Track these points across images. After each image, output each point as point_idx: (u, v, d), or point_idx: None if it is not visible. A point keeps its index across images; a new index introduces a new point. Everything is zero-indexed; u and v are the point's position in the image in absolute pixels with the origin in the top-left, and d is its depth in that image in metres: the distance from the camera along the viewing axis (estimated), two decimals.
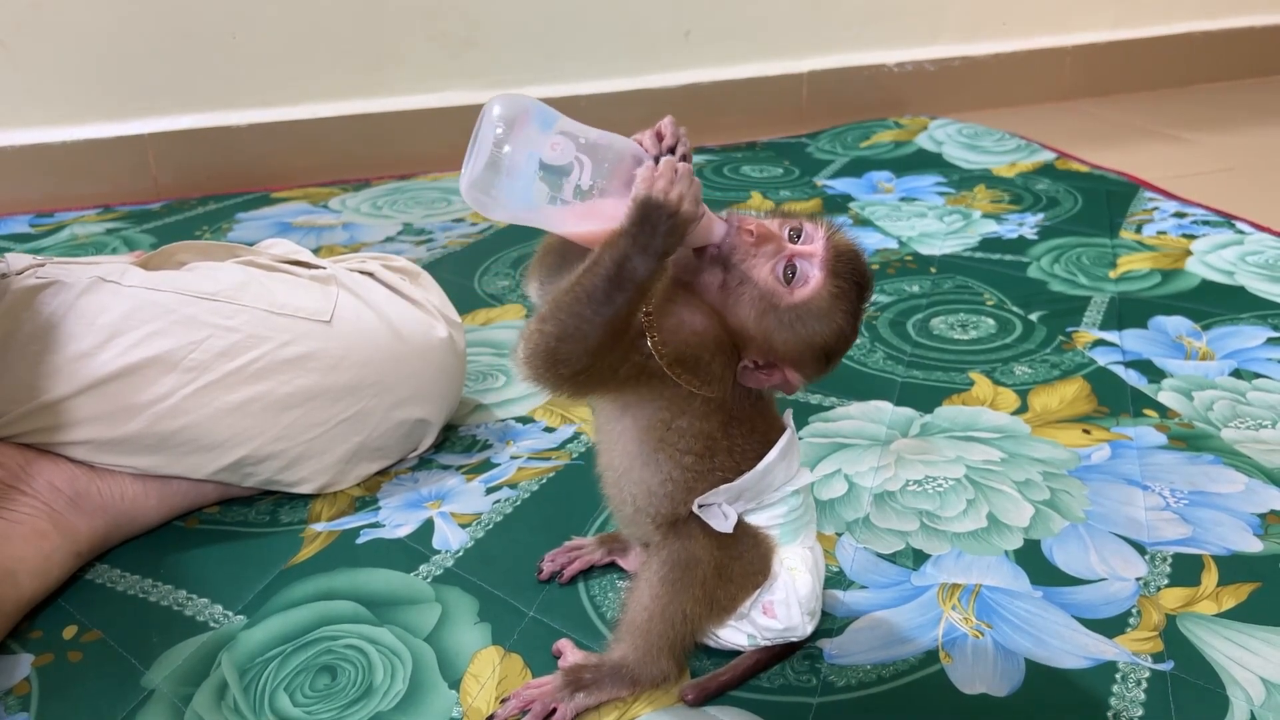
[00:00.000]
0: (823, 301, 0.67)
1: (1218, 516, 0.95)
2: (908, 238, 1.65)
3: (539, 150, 0.64)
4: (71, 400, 0.91)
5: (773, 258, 0.68)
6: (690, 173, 0.64)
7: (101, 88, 1.92)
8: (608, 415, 0.75)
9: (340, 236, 1.72)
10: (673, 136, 0.69)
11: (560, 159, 0.64)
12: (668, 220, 0.62)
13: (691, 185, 0.63)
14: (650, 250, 0.63)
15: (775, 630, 0.76)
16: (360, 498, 1.01)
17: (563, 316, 0.64)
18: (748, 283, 0.68)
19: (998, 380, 1.20)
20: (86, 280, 0.94)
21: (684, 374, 0.68)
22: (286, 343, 0.96)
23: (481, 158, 0.64)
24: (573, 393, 0.68)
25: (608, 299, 0.63)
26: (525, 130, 0.64)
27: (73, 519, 0.90)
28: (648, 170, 0.63)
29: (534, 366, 0.66)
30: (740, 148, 2.18)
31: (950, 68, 2.43)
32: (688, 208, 0.63)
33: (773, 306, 0.67)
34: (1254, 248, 1.56)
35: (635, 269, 0.63)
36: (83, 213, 1.86)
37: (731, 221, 0.68)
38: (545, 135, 0.64)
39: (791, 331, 0.68)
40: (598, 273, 0.63)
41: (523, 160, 0.64)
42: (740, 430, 0.73)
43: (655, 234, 0.63)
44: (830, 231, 0.69)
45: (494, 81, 2.14)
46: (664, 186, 0.62)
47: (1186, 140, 2.18)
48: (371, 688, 0.77)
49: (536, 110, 0.65)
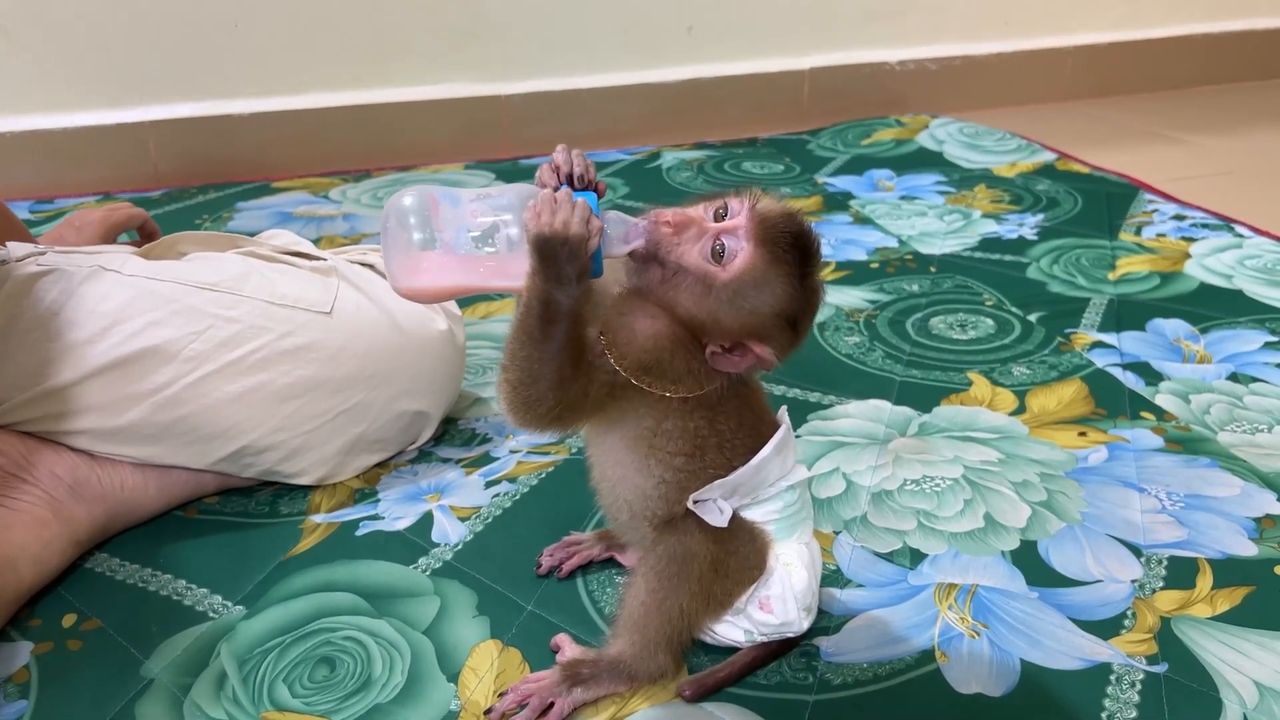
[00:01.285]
0: (756, 271, 0.67)
1: (1213, 520, 0.95)
2: (908, 236, 1.65)
3: (463, 222, 0.66)
4: (72, 388, 0.91)
5: (698, 241, 0.68)
6: (569, 196, 0.65)
7: (103, 75, 1.92)
8: (596, 431, 0.76)
9: (341, 227, 1.72)
10: (567, 163, 0.70)
11: (484, 221, 0.67)
12: (563, 248, 0.63)
13: (575, 208, 0.64)
14: (563, 280, 0.64)
15: (771, 626, 0.76)
16: (359, 490, 1.01)
17: (517, 363, 0.67)
18: (680, 271, 0.68)
19: (996, 381, 1.20)
20: (87, 268, 0.94)
21: (651, 379, 0.69)
22: (287, 334, 0.96)
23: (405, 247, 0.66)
24: (559, 428, 0.71)
25: (546, 336, 0.66)
26: (441, 212, 0.67)
27: (73, 507, 0.90)
28: (529, 210, 0.64)
29: (514, 414, 0.69)
30: (741, 144, 2.18)
31: (952, 66, 2.43)
32: (576, 230, 0.64)
33: (709, 288, 0.68)
34: (1253, 251, 1.56)
35: (558, 301, 0.65)
36: (83, 199, 1.86)
37: (648, 217, 0.69)
38: (460, 208, 0.67)
39: (735, 308, 0.68)
40: (529, 315, 0.66)
41: (452, 236, 0.66)
42: (728, 425, 0.73)
43: (559, 264, 0.64)
44: (754, 201, 0.69)
45: (495, 74, 2.14)
46: (547, 219, 0.63)
47: (1187, 142, 2.18)
48: (370, 680, 0.78)
49: (440, 192, 0.67)
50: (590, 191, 0.68)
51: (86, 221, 1.21)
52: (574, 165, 0.69)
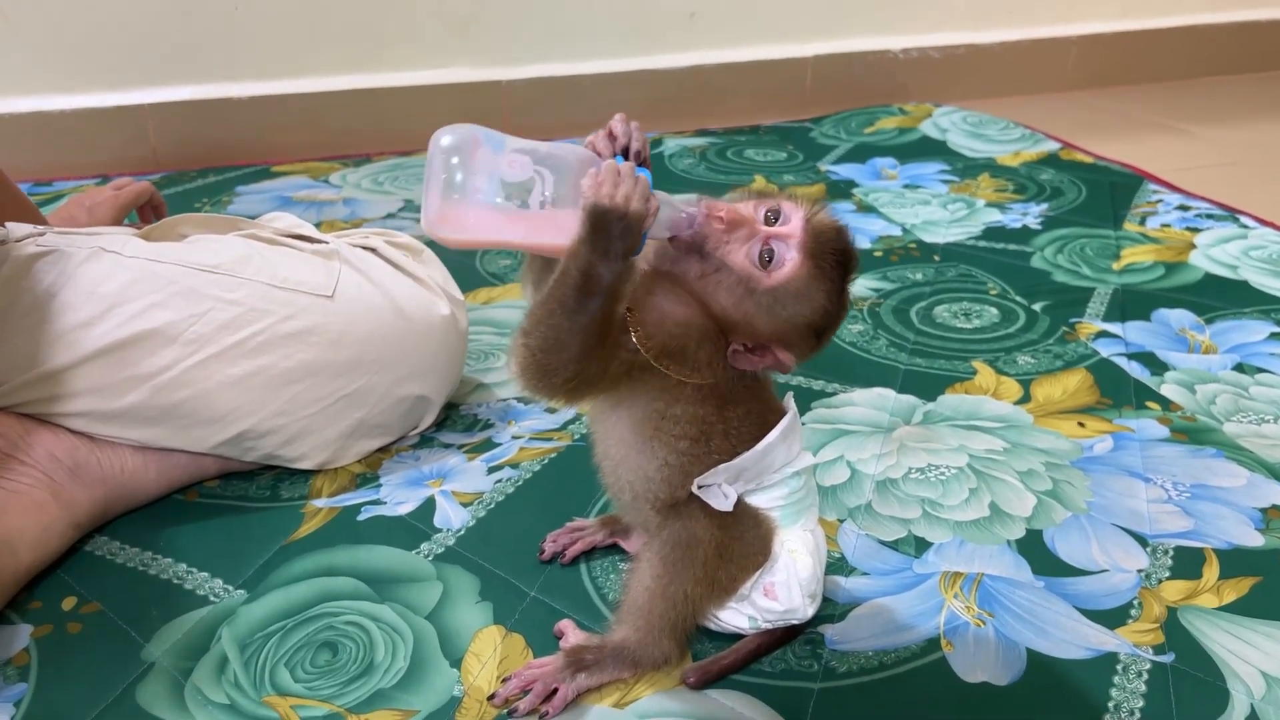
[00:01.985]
0: (800, 283, 0.67)
1: (1219, 510, 0.95)
2: (911, 225, 1.64)
3: (498, 170, 0.64)
4: (71, 370, 0.90)
5: (747, 241, 0.67)
6: (633, 171, 0.63)
7: (102, 56, 1.91)
8: (602, 409, 0.75)
9: (341, 212, 1.71)
10: (624, 135, 0.68)
11: (520, 175, 0.65)
12: (619, 223, 0.62)
13: (637, 184, 0.63)
14: (611, 254, 0.63)
15: (776, 612, 0.76)
16: (361, 474, 1.01)
17: (542, 329, 0.65)
18: (723, 269, 0.67)
19: (1001, 370, 1.20)
20: (87, 250, 0.93)
21: (672, 364, 0.68)
22: (288, 317, 0.95)
23: (442, 189, 0.64)
24: (569, 399, 0.70)
25: (580, 307, 0.64)
26: (479, 155, 0.64)
27: (72, 490, 0.90)
28: (591, 178, 0.63)
29: (527, 379, 0.67)
30: (744, 131, 2.17)
31: (955, 55, 2.42)
32: (636, 207, 0.62)
33: (750, 291, 0.67)
34: (1258, 242, 1.55)
35: (600, 275, 0.63)
36: (81, 182, 1.85)
37: (701, 209, 0.67)
38: (500, 156, 0.65)
39: (772, 314, 0.68)
40: (566, 283, 0.64)
41: (484, 183, 0.64)
42: (736, 413, 0.73)
43: (611, 238, 0.63)
44: (810, 211, 0.68)
45: (497, 59, 2.13)
46: (609, 191, 0.62)
47: (1191, 133, 2.18)
48: (373, 665, 0.77)
49: (484, 135, 0.65)
50: (643, 168, 0.67)
51: (98, 201, 1.21)
52: (633, 139, 0.68)
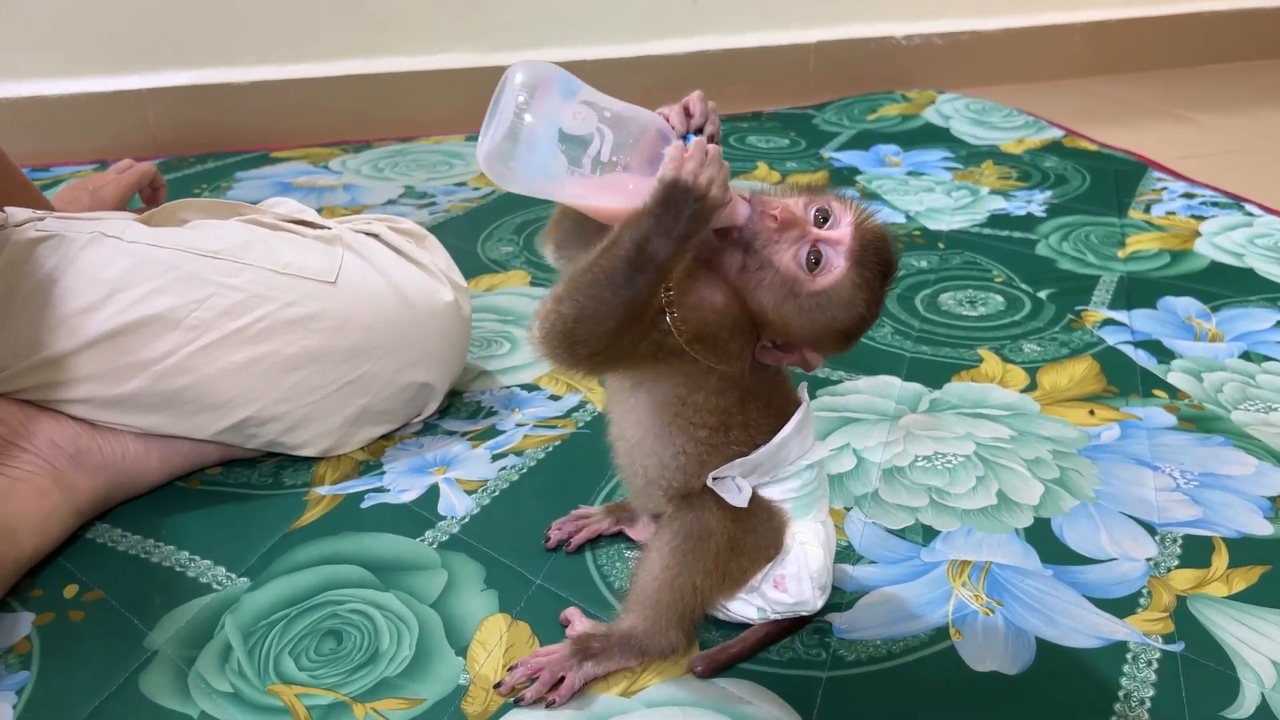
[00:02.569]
0: (845, 290, 0.66)
1: (1228, 499, 0.94)
2: (915, 212, 1.64)
3: (560, 119, 0.62)
4: (72, 356, 0.89)
5: (796, 243, 0.66)
6: (720, 156, 0.62)
7: (100, 41, 1.89)
8: (620, 388, 0.74)
9: (341, 198, 1.70)
10: (701, 114, 0.66)
11: (581, 129, 0.62)
12: (694, 204, 0.60)
13: (721, 170, 0.61)
14: (673, 233, 0.61)
15: (785, 604, 0.75)
16: (364, 462, 1.00)
17: (580, 298, 0.62)
18: (769, 268, 0.66)
19: (1007, 357, 1.19)
20: (88, 235, 0.92)
21: (703, 351, 0.67)
22: (290, 303, 0.94)
23: (503, 126, 0.61)
24: (590, 371, 0.68)
25: (627, 281, 0.62)
26: (547, 99, 0.62)
27: (74, 477, 0.89)
28: (677, 150, 0.61)
29: (551, 346, 0.64)
30: (746, 118, 2.15)
31: (959, 42, 2.41)
32: (716, 193, 0.61)
33: (793, 294, 0.66)
34: (1263, 230, 1.55)
35: (656, 251, 0.61)
36: (79, 168, 1.83)
37: (755, 204, 0.66)
38: (567, 104, 0.62)
39: (811, 318, 0.67)
40: (617, 254, 0.61)
41: (543, 129, 0.62)
42: (756, 405, 0.72)
43: (679, 217, 0.61)
44: (860, 218, 0.67)
45: (498, 44, 2.11)
46: (694, 169, 0.60)
47: (1195, 121, 2.17)
48: (378, 653, 0.77)
49: (560, 78, 0.63)
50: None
51: (101, 185, 1.20)
52: (709, 120, 0.66)
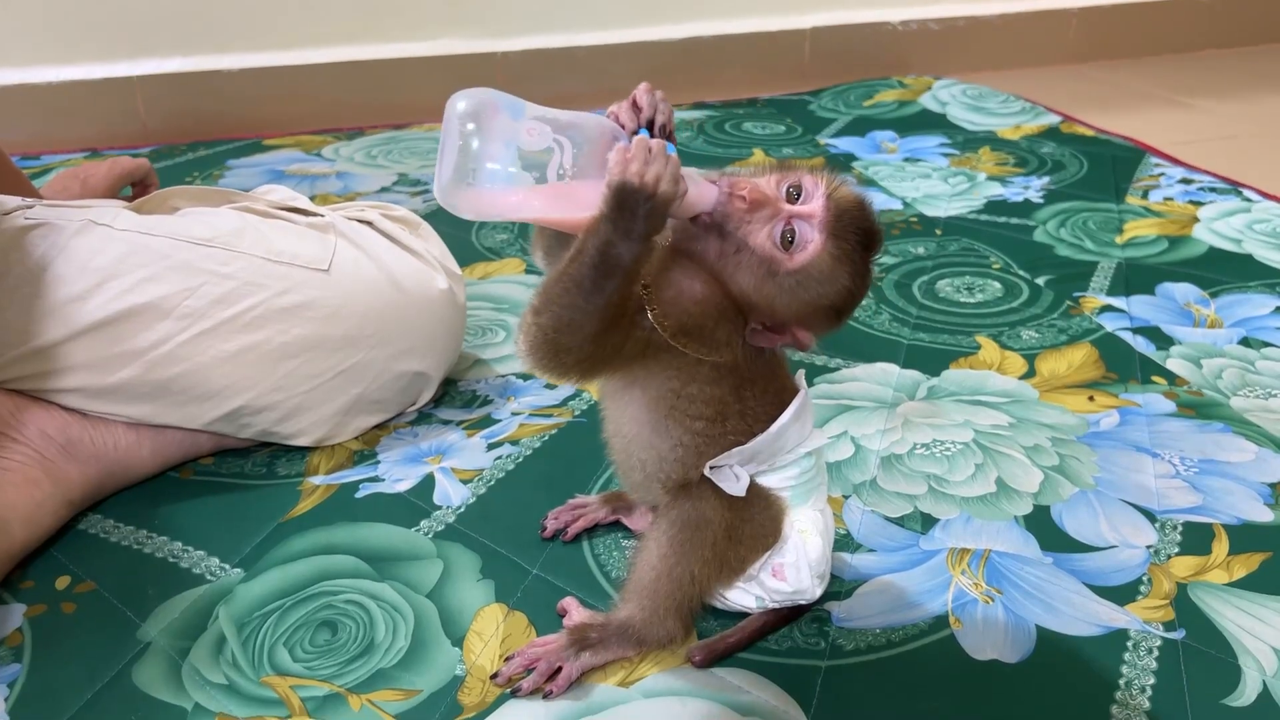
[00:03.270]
0: (824, 264, 0.65)
1: (1228, 485, 0.94)
2: (912, 199, 1.63)
3: (516, 139, 0.62)
4: (62, 345, 0.88)
5: (769, 222, 0.65)
6: (664, 149, 0.61)
7: (90, 27, 1.87)
8: (614, 386, 0.73)
9: (334, 185, 1.69)
10: (649, 106, 0.66)
11: (539, 143, 0.62)
12: (646, 203, 0.60)
13: (668, 163, 0.60)
14: (633, 235, 0.61)
15: (784, 593, 0.74)
16: (359, 451, 0.99)
17: (555, 308, 0.63)
18: (744, 250, 0.65)
19: (1005, 344, 1.18)
20: (78, 222, 0.91)
21: (690, 343, 0.66)
22: (283, 291, 0.93)
23: (452, 157, 0.61)
24: (582, 377, 0.68)
25: (597, 287, 0.62)
26: (496, 122, 0.62)
27: (65, 467, 0.88)
28: (618, 153, 0.60)
29: (538, 358, 0.65)
30: (741, 104, 2.14)
31: (955, 27, 2.39)
32: (665, 188, 0.60)
33: (772, 273, 0.65)
34: (1261, 216, 1.54)
35: (620, 255, 0.61)
36: (69, 156, 1.82)
37: (723, 186, 0.65)
38: (519, 123, 0.62)
39: (794, 296, 0.65)
40: (583, 261, 0.61)
41: (501, 150, 0.61)
42: (752, 392, 0.71)
43: (635, 218, 0.60)
44: (831, 188, 0.65)
45: (491, 30, 2.09)
46: (638, 169, 0.60)
47: (1192, 106, 2.16)
48: (373, 644, 0.76)
49: (504, 100, 0.62)
50: (669, 143, 0.65)
51: (92, 173, 1.18)
52: (658, 111, 0.65)
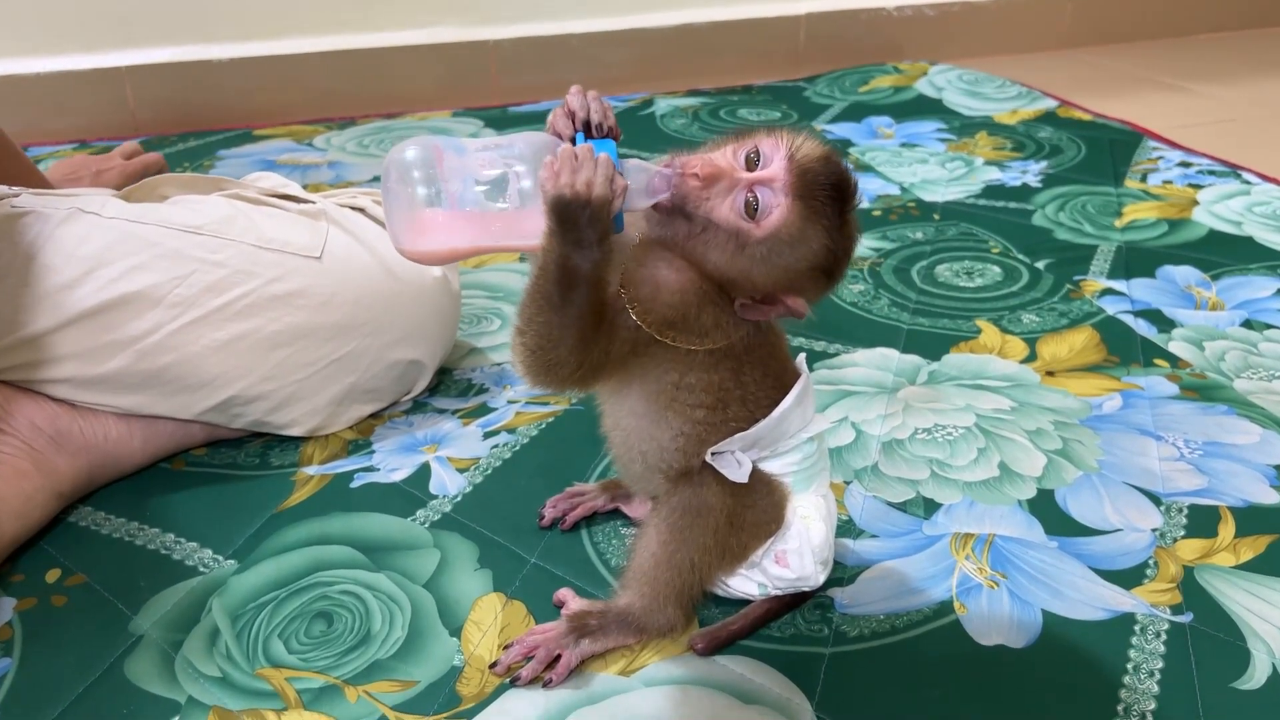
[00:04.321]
0: (794, 226, 0.62)
1: (1232, 467, 0.93)
2: (910, 184, 1.61)
3: (470, 172, 0.62)
4: (51, 335, 0.87)
5: (729, 193, 0.63)
6: (591, 152, 0.60)
7: (77, 17, 1.85)
8: (613, 384, 0.71)
9: (326, 175, 1.67)
10: (581, 108, 0.65)
11: (493, 171, 0.62)
12: (584, 211, 0.59)
13: (598, 166, 0.59)
14: (584, 243, 0.60)
15: (787, 580, 0.73)
16: (353, 441, 0.98)
17: (534, 327, 0.63)
18: (710, 227, 0.63)
19: (1005, 328, 1.17)
20: (65, 211, 0.89)
21: (676, 335, 0.65)
22: (275, 279, 0.92)
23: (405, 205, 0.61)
24: (581, 386, 0.67)
25: (565, 300, 0.62)
26: (447, 162, 0.62)
27: (54, 459, 0.87)
28: (546, 169, 0.60)
29: (534, 376, 0.65)
30: (736, 91, 2.13)
31: (950, 13, 2.38)
32: (599, 192, 0.59)
33: (741, 245, 0.63)
34: (1261, 198, 1.53)
35: (578, 265, 0.61)
36: (58, 148, 1.80)
37: (674, 167, 0.63)
38: (466, 158, 0.62)
39: (770, 264, 0.63)
40: (546, 279, 0.62)
41: (459, 188, 0.61)
42: (753, 376, 0.69)
43: (580, 227, 0.60)
44: (792, 147, 0.63)
45: (483, 18, 2.08)
46: (567, 180, 0.59)
47: (1188, 90, 2.15)
48: (369, 635, 0.75)
49: (444, 142, 0.62)
50: (608, 140, 0.64)
51: (105, 168, 1.17)
52: (591, 111, 0.65)
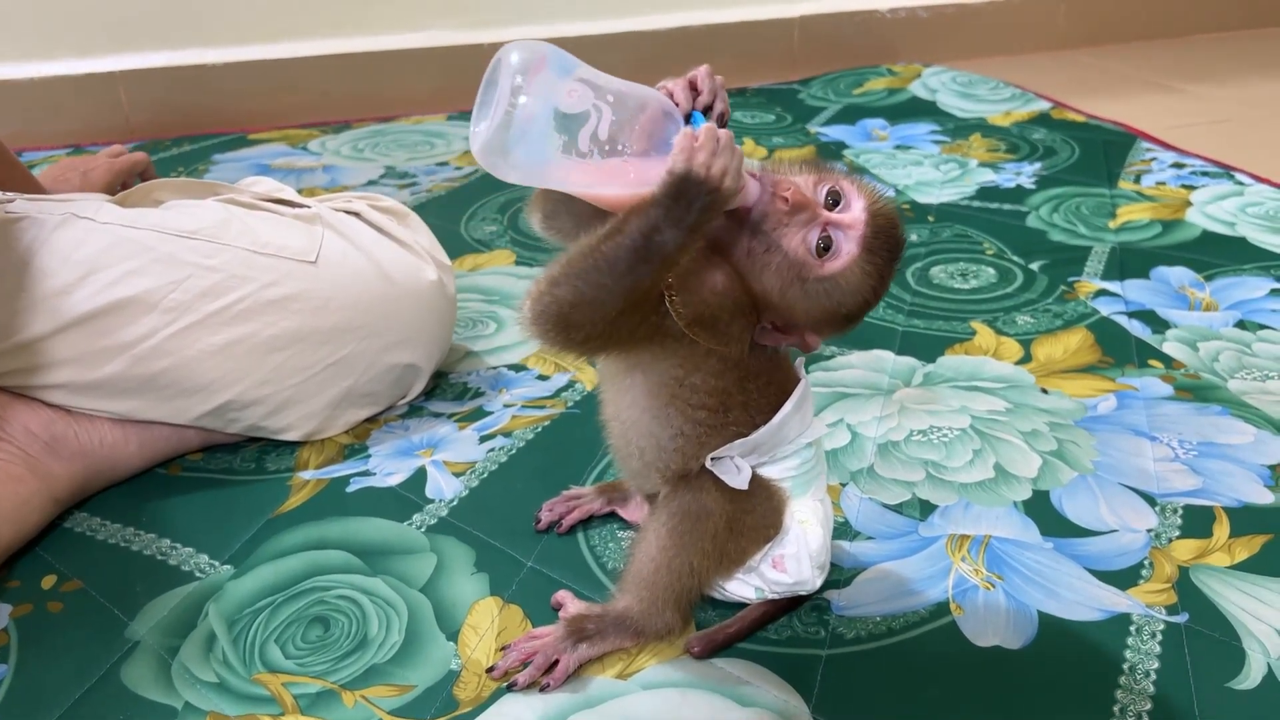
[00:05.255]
0: (854, 276, 0.63)
1: (1227, 468, 0.93)
2: (904, 186, 1.62)
3: (555, 98, 0.58)
4: (47, 340, 0.86)
5: (805, 226, 0.63)
6: (732, 142, 0.59)
7: (71, 21, 1.85)
8: (615, 369, 0.71)
9: (321, 179, 1.67)
10: (709, 91, 0.63)
11: (577, 106, 0.58)
12: (706, 197, 0.58)
13: (735, 157, 0.58)
14: (683, 225, 0.58)
15: (784, 584, 0.73)
16: (349, 445, 0.98)
17: (580, 283, 0.59)
18: (776, 251, 0.63)
19: (1000, 330, 1.17)
20: (59, 216, 0.89)
21: (703, 334, 0.65)
22: (270, 283, 0.92)
23: (499, 112, 0.58)
24: (582, 353, 0.66)
25: (630, 270, 0.59)
26: (540, 77, 0.58)
27: (50, 464, 0.86)
28: (686, 139, 0.58)
29: (543, 328, 0.61)
30: (731, 93, 2.12)
31: (944, 14, 2.38)
32: (729, 184, 0.58)
33: (800, 278, 0.63)
34: (1254, 199, 1.53)
35: (664, 243, 0.58)
36: (53, 153, 1.80)
37: (765, 184, 0.63)
38: (562, 81, 0.59)
39: (816, 303, 0.64)
40: (622, 242, 0.58)
41: (538, 109, 0.58)
42: (756, 384, 0.69)
43: (690, 209, 0.58)
44: (873, 202, 0.64)
45: (478, 21, 2.08)
46: (705, 160, 0.57)
47: (1182, 91, 2.15)
48: (366, 639, 0.75)
49: (553, 55, 0.59)
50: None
51: (93, 167, 1.17)
52: (717, 99, 0.63)
